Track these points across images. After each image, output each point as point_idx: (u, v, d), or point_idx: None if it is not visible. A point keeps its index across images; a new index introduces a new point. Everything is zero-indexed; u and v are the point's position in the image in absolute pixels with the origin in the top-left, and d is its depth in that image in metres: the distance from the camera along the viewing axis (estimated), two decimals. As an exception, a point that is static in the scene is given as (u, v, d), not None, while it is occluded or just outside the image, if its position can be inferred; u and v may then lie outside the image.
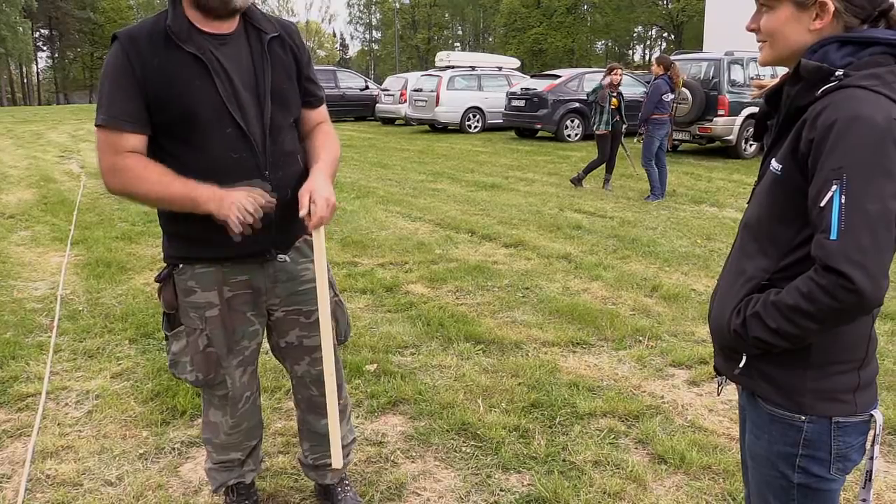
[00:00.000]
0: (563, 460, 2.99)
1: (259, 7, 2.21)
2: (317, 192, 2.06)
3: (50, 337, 4.34)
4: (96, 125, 2.06)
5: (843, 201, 1.26)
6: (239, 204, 1.99)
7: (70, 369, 3.93)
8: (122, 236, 7.05)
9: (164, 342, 4.20)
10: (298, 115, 2.28)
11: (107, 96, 2.03)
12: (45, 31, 64.50)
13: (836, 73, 1.34)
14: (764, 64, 1.53)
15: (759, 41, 1.49)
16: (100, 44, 62.30)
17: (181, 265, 2.24)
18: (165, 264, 2.29)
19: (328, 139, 2.33)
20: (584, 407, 3.43)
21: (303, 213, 2.04)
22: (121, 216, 8.05)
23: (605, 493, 2.76)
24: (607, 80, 9.69)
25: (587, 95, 9.95)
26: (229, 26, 2.09)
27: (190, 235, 2.17)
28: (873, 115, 1.27)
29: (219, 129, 2.05)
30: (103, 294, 5.21)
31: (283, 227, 2.18)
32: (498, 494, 2.77)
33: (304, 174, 2.21)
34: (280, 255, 2.24)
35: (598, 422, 3.33)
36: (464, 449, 3.10)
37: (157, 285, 2.33)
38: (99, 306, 4.94)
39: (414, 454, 3.07)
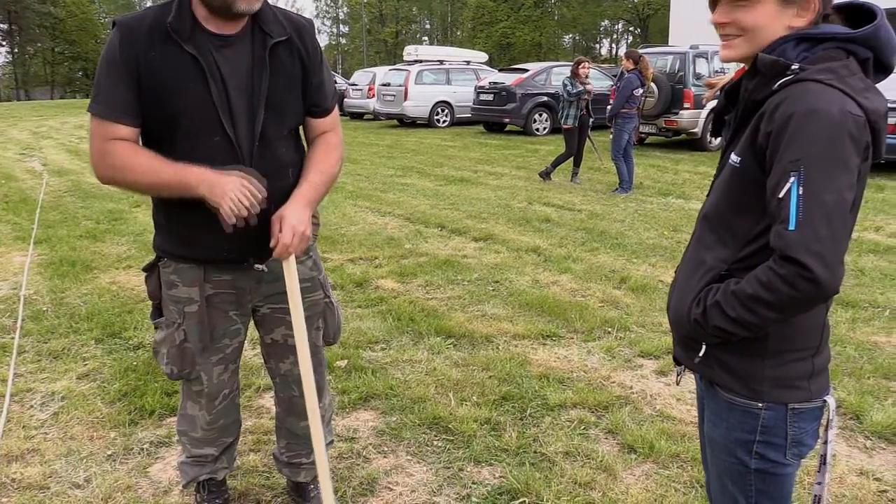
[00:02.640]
0: (535, 452, 3.02)
1: (266, 4, 2.06)
2: (285, 220, 2.02)
3: (13, 338, 4.26)
4: (88, 110, 2.02)
5: (800, 192, 1.29)
6: (233, 195, 1.93)
7: (34, 371, 3.86)
8: (87, 235, 6.94)
9: (130, 341, 4.17)
10: (298, 125, 2.19)
11: (102, 84, 1.98)
12: (3, 26, 62.99)
13: (792, 67, 1.37)
14: (732, 59, 1.50)
15: (727, 35, 1.47)
16: (61, 38, 60.99)
17: (165, 259, 2.23)
18: (154, 254, 2.28)
19: (327, 153, 2.21)
20: (555, 399, 3.46)
21: (273, 241, 2.02)
22: (85, 214, 7.92)
23: (576, 483, 2.79)
24: (585, 87, 9.64)
25: (566, 94, 9.82)
26: (235, 26, 2.01)
27: (177, 233, 2.16)
28: (829, 108, 1.30)
29: (206, 136, 1.99)
30: (68, 294, 5.12)
31: (263, 239, 2.12)
32: (470, 487, 2.79)
33: (296, 185, 2.13)
34: (257, 265, 2.19)
35: (568, 413, 3.36)
36: (435, 443, 3.11)
37: (143, 275, 2.33)
38: (63, 306, 4.86)
39: (386, 449, 3.07)
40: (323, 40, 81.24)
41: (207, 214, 2.02)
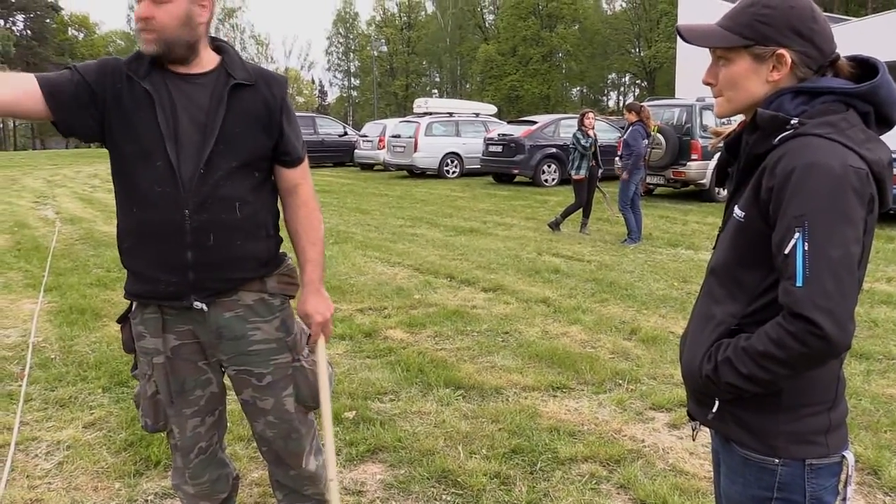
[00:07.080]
0: (545, 507, 2.96)
1: (237, 55, 2.21)
2: (311, 318, 2.29)
3: (20, 386, 4.25)
4: None
5: (806, 248, 1.29)
6: None
7: (41, 419, 3.84)
8: (97, 283, 6.97)
9: (138, 391, 4.15)
10: (257, 164, 2.18)
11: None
12: (22, 78, 64.26)
13: (792, 122, 1.38)
14: (721, 115, 1.57)
15: (715, 94, 1.53)
16: (78, 90, 62.11)
17: (133, 307, 2.24)
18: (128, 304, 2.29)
19: (310, 220, 2.31)
20: (565, 452, 3.41)
21: (311, 339, 2.33)
22: (96, 262, 7.97)
23: (587, 539, 2.73)
24: (587, 140, 9.81)
25: (578, 145, 9.93)
26: (197, 68, 2.11)
27: (130, 267, 2.19)
28: (830, 162, 1.31)
29: (150, 161, 2.06)
30: (76, 341, 5.13)
31: (203, 274, 2.11)
32: (479, 543, 2.73)
33: (250, 228, 2.16)
34: (197, 303, 2.15)
35: (579, 467, 3.30)
36: (444, 497, 3.06)
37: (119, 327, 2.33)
38: (72, 354, 4.86)
39: (394, 503, 3.02)
40: (334, 93, 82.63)
41: (151, 246, 2.09)
